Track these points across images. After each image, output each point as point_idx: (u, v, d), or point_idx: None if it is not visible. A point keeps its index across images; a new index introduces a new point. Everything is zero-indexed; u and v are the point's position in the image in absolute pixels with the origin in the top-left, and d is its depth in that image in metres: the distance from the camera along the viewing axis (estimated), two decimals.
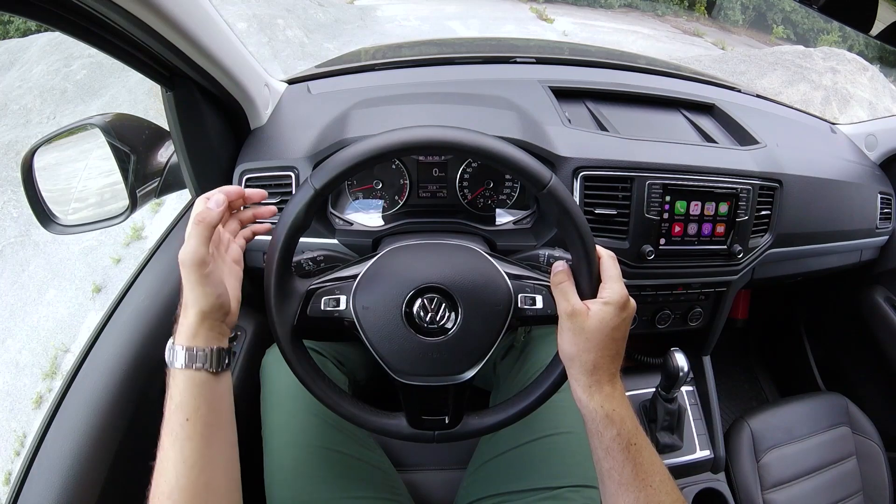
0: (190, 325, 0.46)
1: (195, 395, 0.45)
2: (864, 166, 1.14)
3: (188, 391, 0.45)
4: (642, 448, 0.48)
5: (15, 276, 3.20)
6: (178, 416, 0.44)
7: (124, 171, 0.71)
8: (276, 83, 0.90)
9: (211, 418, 0.46)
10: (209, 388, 0.46)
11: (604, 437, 0.48)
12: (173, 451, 0.43)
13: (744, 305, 1.51)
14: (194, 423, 0.44)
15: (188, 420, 0.44)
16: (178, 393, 0.45)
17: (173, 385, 0.45)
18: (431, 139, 0.47)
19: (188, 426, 0.44)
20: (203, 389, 0.46)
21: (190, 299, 0.46)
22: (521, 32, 6.72)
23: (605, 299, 0.49)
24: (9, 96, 4.51)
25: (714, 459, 1.01)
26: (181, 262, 0.46)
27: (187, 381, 0.45)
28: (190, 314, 0.46)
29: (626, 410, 0.49)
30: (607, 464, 0.48)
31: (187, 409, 0.44)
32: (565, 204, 0.49)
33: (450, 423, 0.54)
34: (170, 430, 0.44)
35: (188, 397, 0.45)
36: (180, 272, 0.46)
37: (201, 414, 0.45)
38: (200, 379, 0.46)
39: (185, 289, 0.47)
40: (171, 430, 0.44)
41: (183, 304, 0.47)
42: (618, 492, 0.47)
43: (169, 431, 0.44)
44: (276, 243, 0.49)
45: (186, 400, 0.45)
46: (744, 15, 9.58)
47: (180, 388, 0.45)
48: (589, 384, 0.49)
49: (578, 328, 0.49)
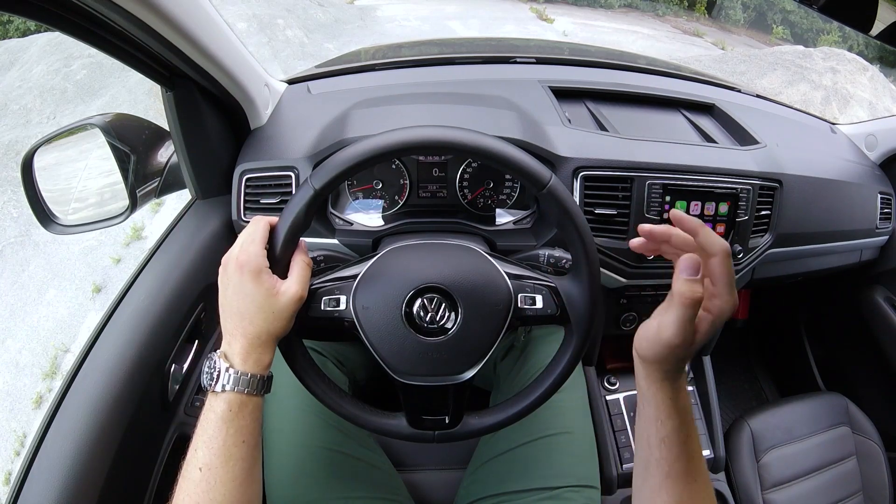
0: (262, 353, 0.48)
1: (255, 420, 0.48)
2: (864, 166, 1.14)
3: (250, 415, 0.47)
4: (694, 442, 0.47)
5: (15, 276, 3.20)
6: (236, 437, 0.46)
7: (124, 171, 0.71)
8: (276, 83, 0.90)
9: (258, 440, 0.49)
10: (261, 411, 0.49)
11: (665, 426, 0.46)
12: (224, 470, 0.45)
13: (744, 305, 1.51)
14: (249, 444, 0.46)
15: (244, 442, 0.46)
16: (239, 417, 0.46)
17: (236, 410, 0.46)
18: (431, 139, 0.47)
19: (244, 448, 0.46)
20: (259, 415, 0.48)
21: (273, 327, 0.48)
22: (521, 32, 6.73)
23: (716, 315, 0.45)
24: (9, 96, 4.51)
25: (714, 459, 1.01)
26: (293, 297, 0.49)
27: (253, 408, 0.47)
28: (265, 339, 0.48)
29: (690, 402, 0.48)
30: (660, 453, 0.46)
31: (245, 432, 0.46)
32: (565, 204, 0.49)
33: (450, 423, 0.54)
34: (224, 451, 0.45)
35: (249, 421, 0.47)
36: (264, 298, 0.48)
37: (255, 436, 0.48)
38: (258, 404, 0.48)
39: (273, 319, 0.48)
40: (225, 451, 0.45)
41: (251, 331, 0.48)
42: (664, 483, 0.45)
43: (222, 452, 0.45)
44: (276, 243, 0.49)
45: (248, 423, 0.47)
46: (745, 14, 9.58)
47: (243, 414, 0.46)
48: (663, 377, 0.47)
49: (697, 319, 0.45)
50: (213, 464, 0.45)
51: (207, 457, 0.45)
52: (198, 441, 0.46)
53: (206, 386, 0.47)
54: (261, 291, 0.48)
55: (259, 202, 0.78)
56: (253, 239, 0.49)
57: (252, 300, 0.48)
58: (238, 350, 0.48)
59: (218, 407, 0.46)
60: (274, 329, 0.48)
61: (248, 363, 0.47)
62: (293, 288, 0.49)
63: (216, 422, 0.46)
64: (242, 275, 0.48)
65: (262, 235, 0.50)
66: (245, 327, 0.48)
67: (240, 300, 0.48)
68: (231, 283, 0.49)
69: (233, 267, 0.49)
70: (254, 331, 0.48)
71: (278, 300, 0.48)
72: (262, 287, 0.48)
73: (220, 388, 0.46)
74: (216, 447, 0.45)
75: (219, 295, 0.50)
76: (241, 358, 0.47)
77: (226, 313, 0.49)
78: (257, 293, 0.47)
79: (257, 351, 0.48)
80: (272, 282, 0.48)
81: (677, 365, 0.46)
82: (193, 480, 0.44)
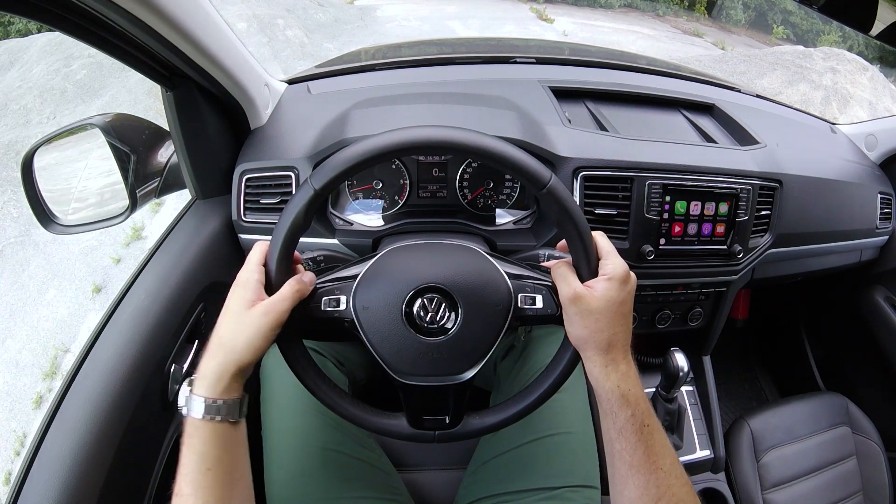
0: (221, 376, 0.46)
1: (217, 446, 0.45)
2: (864, 166, 1.14)
3: (210, 442, 0.45)
4: (654, 430, 0.47)
5: (15, 276, 3.20)
6: (200, 465, 0.44)
7: (124, 171, 0.71)
8: (276, 83, 0.90)
9: (231, 466, 0.46)
10: (230, 437, 0.46)
11: (618, 418, 0.47)
12: (195, 498, 0.43)
13: (744, 305, 1.51)
14: (216, 472, 0.44)
15: (210, 470, 0.44)
16: (199, 443, 0.44)
17: (194, 435, 0.45)
18: (431, 139, 0.47)
19: (210, 476, 0.44)
20: (225, 440, 0.46)
21: (238, 350, 0.46)
22: (521, 32, 6.72)
23: (608, 275, 0.49)
24: (9, 96, 4.50)
25: (714, 459, 1.01)
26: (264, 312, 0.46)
27: (210, 432, 0.45)
28: (224, 363, 0.46)
29: (641, 391, 0.49)
30: (619, 445, 0.47)
31: (209, 460, 0.44)
32: (565, 204, 0.49)
33: (450, 423, 0.54)
34: (191, 479, 0.43)
35: (210, 448, 0.45)
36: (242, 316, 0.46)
37: (223, 463, 0.45)
38: (222, 430, 0.45)
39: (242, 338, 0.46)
40: (192, 479, 0.43)
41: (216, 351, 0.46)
42: (628, 474, 0.46)
43: (190, 480, 0.43)
44: (276, 243, 0.49)
45: (209, 451, 0.45)
46: (745, 14, 9.58)
47: (202, 439, 0.44)
48: (605, 363, 0.48)
49: (585, 310, 0.48)
50: (182, 490, 0.44)
51: (179, 483, 0.44)
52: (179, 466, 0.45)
53: None
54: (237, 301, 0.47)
55: (259, 202, 0.78)
56: (250, 259, 0.50)
57: (226, 309, 0.47)
58: (201, 370, 0.46)
59: (185, 431, 0.45)
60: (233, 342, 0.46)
61: (204, 385, 0.45)
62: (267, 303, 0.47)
63: (183, 448, 0.45)
64: (234, 287, 0.48)
65: (260, 254, 0.50)
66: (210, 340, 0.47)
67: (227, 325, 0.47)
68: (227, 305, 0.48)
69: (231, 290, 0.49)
70: (214, 342, 0.47)
71: (250, 311, 0.46)
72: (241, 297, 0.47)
73: (185, 413, 0.45)
74: (184, 474, 0.44)
75: None
76: (200, 379, 0.46)
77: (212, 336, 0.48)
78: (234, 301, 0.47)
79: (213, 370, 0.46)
80: (252, 294, 0.47)
81: (611, 352, 0.48)
82: None
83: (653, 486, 0.45)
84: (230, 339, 0.46)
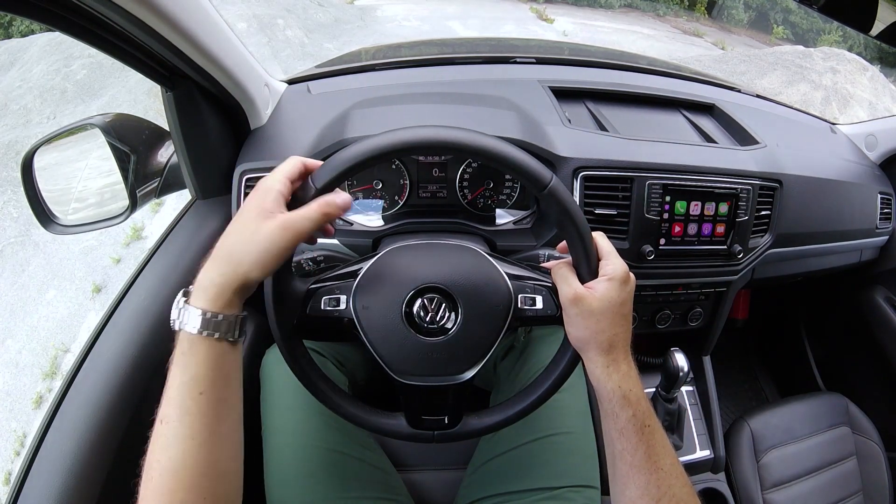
0: (223, 289, 0.41)
1: (213, 368, 0.41)
2: (864, 166, 1.14)
3: (206, 363, 0.41)
4: (655, 430, 0.47)
5: (15, 276, 3.20)
6: (192, 388, 0.40)
7: (124, 171, 0.71)
8: (276, 83, 0.90)
9: (225, 393, 0.42)
10: (227, 359, 0.42)
11: (619, 418, 0.47)
12: (181, 426, 0.40)
13: (744, 305, 1.51)
14: (209, 397, 0.41)
15: (202, 394, 0.40)
16: (194, 364, 0.40)
17: (189, 354, 0.41)
18: (432, 139, 0.47)
19: (202, 400, 0.40)
20: (222, 361, 0.42)
21: (246, 263, 0.42)
22: (521, 32, 6.72)
23: (608, 275, 0.49)
24: (9, 96, 4.51)
25: (714, 459, 1.01)
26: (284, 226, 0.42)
27: (207, 351, 0.41)
28: (229, 276, 0.42)
29: (642, 392, 0.49)
30: (620, 445, 0.47)
31: (203, 383, 0.40)
32: (566, 205, 0.49)
33: (449, 423, 0.54)
34: (179, 402, 0.40)
35: (206, 370, 0.41)
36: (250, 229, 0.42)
37: (217, 388, 0.41)
38: (221, 349, 0.41)
39: (253, 251, 0.41)
40: (180, 402, 0.40)
41: (221, 261, 0.42)
42: (629, 473, 0.46)
43: (178, 404, 0.40)
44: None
45: (203, 373, 0.41)
46: (747, 14, 9.59)
47: (198, 359, 0.40)
48: (606, 364, 0.49)
49: (587, 311, 0.48)
50: (169, 416, 0.40)
51: (165, 408, 0.40)
52: (165, 389, 0.41)
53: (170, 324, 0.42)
54: (253, 209, 0.43)
55: None
56: (280, 167, 0.45)
57: (239, 216, 0.43)
58: (200, 279, 0.42)
59: (176, 349, 0.41)
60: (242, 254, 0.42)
61: (204, 296, 0.41)
62: (290, 215, 0.42)
63: (173, 367, 0.41)
64: (253, 192, 0.44)
65: (291, 168, 0.45)
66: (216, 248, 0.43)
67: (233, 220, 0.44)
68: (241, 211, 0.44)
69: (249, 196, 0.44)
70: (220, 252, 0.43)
71: (265, 222, 0.42)
72: (259, 205, 0.42)
73: (178, 326, 0.41)
74: (171, 397, 0.40)
75: None
76: (200, 289, 0.42)
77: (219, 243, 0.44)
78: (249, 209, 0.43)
79: (215, 280, 0.42)
80: (272, 204, 0.43)
81: (612, 353, 0.48)
82: (156, 434, 0.40)
83: (653, 486, 0.45)
84: (239, 251, 0.42)
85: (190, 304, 0.41)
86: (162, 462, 0.39)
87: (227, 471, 0.43)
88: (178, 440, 0.40)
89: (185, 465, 0.39)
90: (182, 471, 0.39)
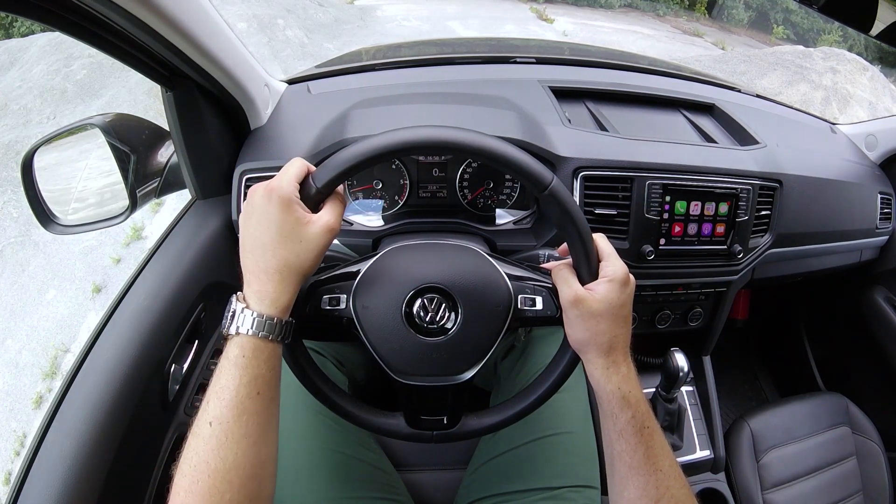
0: (291, 293, 0.44)
1: (271, 368, 0.43)
2: (864, 166, 1.14)
3: (267, 363, 0.43)
4: (654, 432, 0.48)
5: (15, 276, 3.20)
6: (251, 389, 0.41)
7: (124, 171, 0.71)
8: (276, 83, 0.90)
9: (275, 392, 0.44)
10: (280, 360, 0.45)
11: (619, 420, 0.48)
12: (238, 425, 0.40)
13: (744, 305, 1.51)
14: (265, 397, 0.42)
15: (259, 394, 0.42)
16: (255, 365, 0.42)
17: (250, 356, 0.42)
18: (432, 139, 0.47)
19: (259, 400, 0.42)
20: (277, 362, 0.44)
21: (306, 269, 0.45)
22: (521, 32, 6.73)
23: (608, 277, 0.49)
24: (9, 96, 4.51)
25: (714, 459, 1.01)
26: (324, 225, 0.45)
27: (269, 353, 0.43)
28: (294, 284, 0.45)
29: (641, 393, 0.49)
30: (619, 446, 0.48)
31: (260, 383, 0.42)
32: (566, 205, 0.49)
33: (448, 423, 0.54)
34: (236, 403, 0.41)
35: (265, 370, 0.42)
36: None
37: (272, 387, 0.43)
38: (278, 352, 0.44)
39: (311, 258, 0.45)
40: (237, 403, 0.41)
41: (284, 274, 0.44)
42: (628, 475, 0.47)
43: (235, 405, 0.41)
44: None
45: (263, 373, 0.42)
46: (747, 14, 9.59)
47: (259, 360, 0.42)
48: (606, 366, 0.49)
49: (586, 313, 0.48)
50: (224, 417, 0.40)
51: (218, 409, 0.41)
52: (210, 393, 0.42)
53: (223, 331, 0.44)
54: (288, 220, 0.44)
55: None
56: (287, 171, 0.47)
57: (277, 228, 0.44)
58: (256, 288, 0.44)
59: (231, 353, 0.42)
60: (300, 262, 0.44)
61: (265, 303, 0.43)
62: (325, 217, 0.46)
63: (229, 369, 0.42)
64: (270, 200, 0.44)
65: (298, 170, 0.47)
66: (267, 260, 0.44)
67: (263, 229, 0.44)
68: (255, 212, 0.45)
69: (260, 193, 0.45)
70: (276, 264, 0.44)
71: (308, 228, 0.44)
72: (291, 215, 0.44)
73: (234, 331, 0.42)
74: (227, 398, 0.41)
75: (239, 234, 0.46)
76: (258, 297, 0.43)
77: (245, 249, 0.45)
78: (284, 221, 0.44)
79: (277, 289, 0.44)
80: (302, 212, 0.45)
81: (612, 354, 0.48)
82: (203, 437, 0.40)
83: (652, 487, 0.46)
84: (295, 261, 0.44)
85: (254, 310, 0.43)
86: (212, 464, 0.40)
87: (271, 473, 0.45)
88: (233, 441, 0.40)
89: (236, 465, 0.40)
90: (233, 471, 0.40)
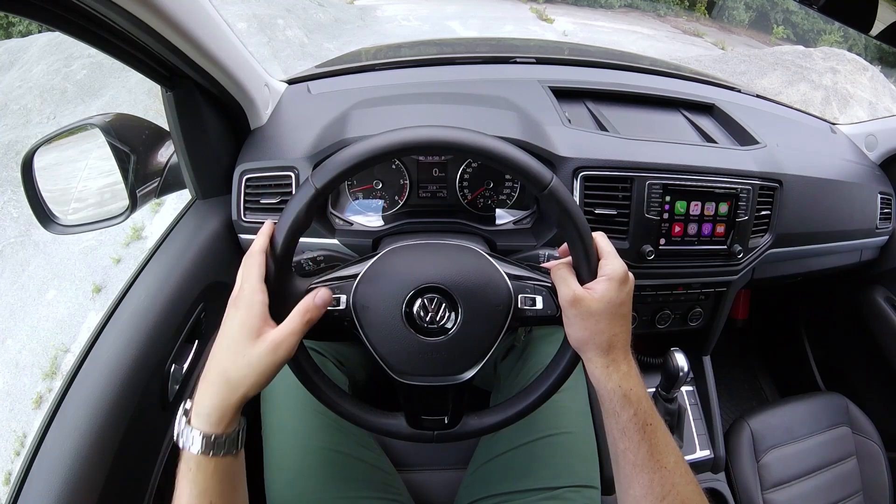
0: (224, 413, 0.43)
1: (221, 480, 0.44)
2: (864, 166, 1.14)
3: (214, 476, 0.43)
4: (657, 428, 0.47)
5: (15, 276, 3.20)
6: (201, 499, 0.42)
7: (124, 171, 0.71)
8: (276, 83, 0.90)
9: (233, 496, 0.45)
10: (232, 469, 0.45)
11: (620, 418, 0.47)
12: None
13: (744, 305, 1.51)
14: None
15: (212, 502, 0.43)
16: (202, 479, 0.42)
17: (195, 469, 0.42)
18: (432, 139, 0.47)
19: None
20: (227, 473, 0.44)
21: (245, 386, 0.44)
22: (521, 32, 6.72)
23: (607, 275, 0.49)
24: (9, 96, 4.51)
25: (714, 459, 1.01)
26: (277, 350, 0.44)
27: (214, 467, 0.43)
28: (228, 400, 0.44)
29: (643, 390, 0.49)
30: (623, 444, 0.47)
31: (212, 493, 0.43)
32: (566, 205, 0.49)
33: (449, 423, 0.54)
34: None
35: (214, 482, 0.43)
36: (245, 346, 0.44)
37: (226, 495, 0.44)
38: (225, 463, 0.44)
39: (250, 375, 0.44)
40: None
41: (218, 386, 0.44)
42: (632, 473, 0.46)
43: None
44: (277, 243, 0.49)
45: (212, 485, 0.43)
46: (747, 14, 9.59)
47: (205, 475, 0.43)
48: (606, 364, 0.48)
49: (585, 312, 0.48)
50: None
51: None
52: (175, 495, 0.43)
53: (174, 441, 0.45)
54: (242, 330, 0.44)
55: (259, 202, 0.78)
56: (250, 275, 0.46)
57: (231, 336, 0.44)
58: (199, 400, 0.44)
59: (182, 466, 0.43)
60: (239, 378, 0.44)
61: (202, 418, 0.43)
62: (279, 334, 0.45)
63: (181, 481, 0.43)
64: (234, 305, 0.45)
65: (260, 270, 0.46)
66: (211, 368, 0.45)
67: (222, 332, 0.45)
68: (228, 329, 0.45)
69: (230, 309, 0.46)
70: (218, 373, 0.44)
71: (254, 346, 0.44)
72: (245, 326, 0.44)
73: (181, 446, 0.43)
74: None
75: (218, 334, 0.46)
76: (199, 410, 0.44)
77: (211, 364, 0.45)
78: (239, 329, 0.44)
79: (213, 402, 0.44)
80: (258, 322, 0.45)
81: (611, 353, 0.48)
82: None
83: (657, 484, 0.45)
84: (234, 375, 0.44)
85: (194, 428, 0.43)
86: None
87: None
88: None
89: None
90: None
